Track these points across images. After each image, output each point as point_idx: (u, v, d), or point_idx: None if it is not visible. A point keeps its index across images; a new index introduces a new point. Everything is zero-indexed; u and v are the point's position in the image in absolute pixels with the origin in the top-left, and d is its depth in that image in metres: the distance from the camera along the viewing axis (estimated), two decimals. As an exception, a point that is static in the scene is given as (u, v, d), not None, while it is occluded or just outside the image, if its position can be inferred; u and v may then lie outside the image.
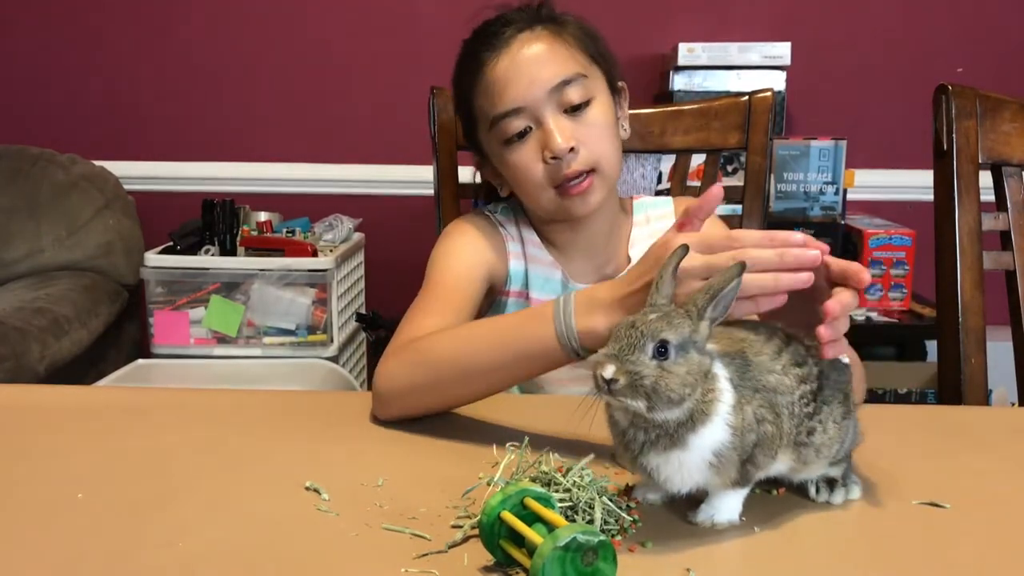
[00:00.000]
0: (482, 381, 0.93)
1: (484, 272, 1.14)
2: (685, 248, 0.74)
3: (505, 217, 1.20)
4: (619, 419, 0.70)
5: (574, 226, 1.15)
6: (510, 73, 1.06)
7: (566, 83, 1.06)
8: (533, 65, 1.06)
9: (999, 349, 1.29)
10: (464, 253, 1.14)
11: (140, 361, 2.08)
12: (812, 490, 0.76)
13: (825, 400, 0.73)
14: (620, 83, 1.16)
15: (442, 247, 1.16)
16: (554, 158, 1.05)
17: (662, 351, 0.66)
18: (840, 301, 0.73)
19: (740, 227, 1.41)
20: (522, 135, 1.07)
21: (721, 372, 0.69)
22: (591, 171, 1.07)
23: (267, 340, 2.22)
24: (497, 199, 1.24)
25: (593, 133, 1.07)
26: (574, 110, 1.07)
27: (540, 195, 1.09)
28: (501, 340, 0.92)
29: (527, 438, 0.77)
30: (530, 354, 0.90)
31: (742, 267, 0.69)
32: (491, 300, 1.19)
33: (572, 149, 1.05)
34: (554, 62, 1.06)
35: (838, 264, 0.77)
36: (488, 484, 0.73)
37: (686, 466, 0.68)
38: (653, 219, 1.22)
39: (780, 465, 0.73)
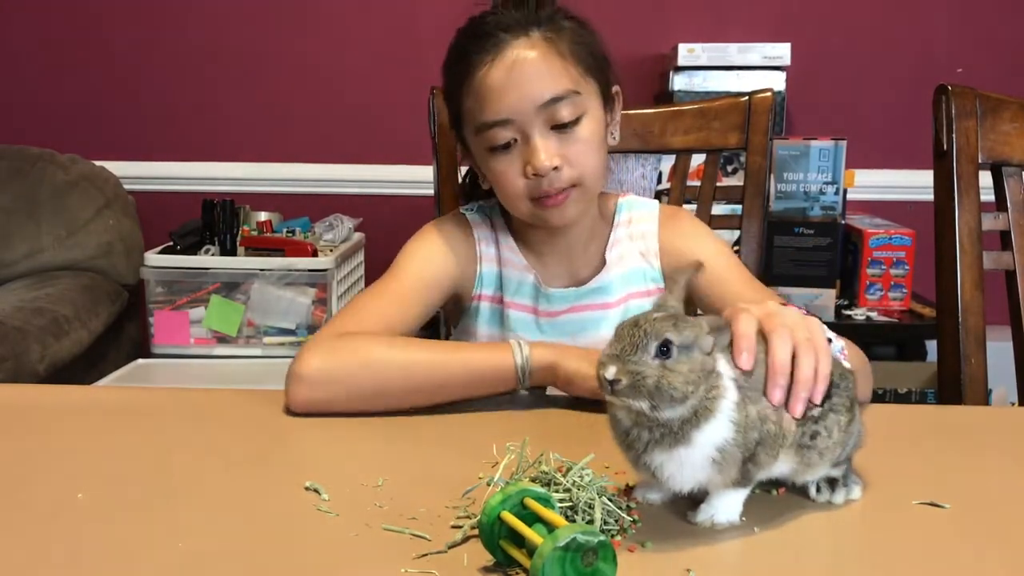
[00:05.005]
0: (421, 390, 0.98)
1: (446, 282, 1.15)
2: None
3: (481, 218, 1.19)
4: (622, 418, 0.70)
5: (551, 231, 1.14)
6: (501, 83, 1.03)
7: (557, 100, 1.03)
8: (525, 78, 1.03)
9: (999, 349, 1.29)
10: (427, 260, 1.14)
11: (140, 361, 2.08)
12: (812, 490, 0.76)
13: (833, 407, 0.73)
14: (615, 88, 1.13)
15: (409, 248, 1.16)
16: (536, 174, 1.05)
17: (664, 350, 0.66)
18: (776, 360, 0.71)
19: (740, 227, 1.42)
20: (507, 146, 1.05)
21: (725, 371, 0.69)
22: (572, 186, 1.07)
23: (267, 340, 2.22)
24: (478, 196, 1.23)
25: (579, 151, 1.06)
26: (563, 127, 1.05)
27: (518, 204, 1.09)
28: (455, 352, 1.00)
29: (527, 438, 0.77)
30: (480, 367, 0.99)
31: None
32: (461, 307, 1.19)
33: (556, 168, 1.04)
34: (547, 76, 1.04)
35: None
36: (488, 484, 0.73)
37: (690, 463, 0.68)
38: (636, 220, 1.20)
39: (782, 466, 0.73)
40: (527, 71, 1.03)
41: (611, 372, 0.66)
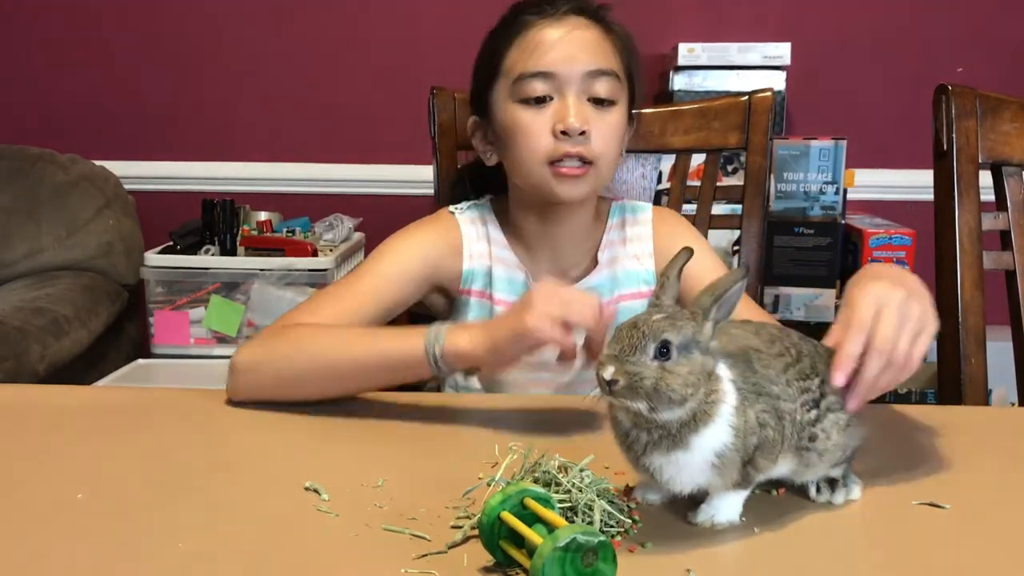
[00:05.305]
0: (340, 377, 0.99)
1: (421, 276, 1.14)
2: (690, 251, 0.75)
3: (471, 215, 1.19)
4: (622, 420, 0.70)
5: (546, 219, 1.15)
6: (555, 40, 1.07)
7: (601, 73, 1.08)
8: (577, 44, 1.08)
9: (999, 349, 1.29)
10: (400, 259, 1.14)
11: (140, 361, 2.08)
12: (812, 490, 0.76)
13: (830, 407, 0.73)
14: (635, 112, 1.17)
15: (384, 245, 1.16)
16: (563, 133, 1.06)
17: (664, 351, 0.66)
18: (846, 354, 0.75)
19: (740, 227, 1.41)
20: (540, 100, 1.07)
21: (725, 374, 0.69)
22: (590, 164, 1.08)
23: (267, 340, 2.21)
24: (476, 192, 1.23)
25: (605, 132, 1.08)
26: (597, 103, 1.08)
27: (532, 168, 1.09)
28: (372, 339, 0.99)
29: (534, 444, 0.77)
30: (394, 355, 0.97)
31: (746, 270, 0.70)
32: (450, 301, 1.19)
33: (583, 133, 1.06)
34: (599, 51, 1.09)
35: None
36: (488, 484, 0.73)
37: (688, 467, 0.68)
38: (630, 223, 1.21)
39: (782, 468, 0.73)
40: (581, 39, 1.08)
41: (609, 372, 0.66)
